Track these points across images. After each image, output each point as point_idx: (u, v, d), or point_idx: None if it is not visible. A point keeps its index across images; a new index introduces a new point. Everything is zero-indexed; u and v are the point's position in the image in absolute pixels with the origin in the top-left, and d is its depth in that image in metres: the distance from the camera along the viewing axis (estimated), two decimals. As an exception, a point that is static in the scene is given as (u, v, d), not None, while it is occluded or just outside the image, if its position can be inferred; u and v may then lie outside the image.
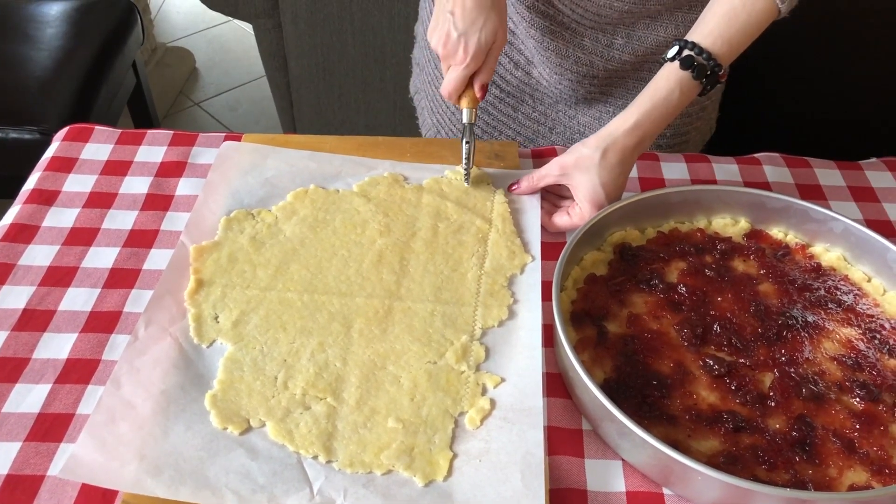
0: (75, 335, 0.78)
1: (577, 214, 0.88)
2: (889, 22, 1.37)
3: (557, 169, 0.89)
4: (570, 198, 0.90)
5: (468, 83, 0.90)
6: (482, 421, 0.70)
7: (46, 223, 0.90)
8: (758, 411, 0.70)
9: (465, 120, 0.91)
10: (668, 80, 0.84)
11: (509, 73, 1.09)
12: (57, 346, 0.77)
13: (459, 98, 0.91)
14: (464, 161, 0.92)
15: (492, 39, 0.87)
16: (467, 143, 0.91)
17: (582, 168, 0.86)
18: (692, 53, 0.83)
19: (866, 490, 0.64)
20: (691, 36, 0.85)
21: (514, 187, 0.93)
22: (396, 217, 0.90)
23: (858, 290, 0.81)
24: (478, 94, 0.91)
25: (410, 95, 1.31)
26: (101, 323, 0.80)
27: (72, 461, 0.64)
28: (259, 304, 0.79)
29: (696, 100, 0.89)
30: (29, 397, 0.73)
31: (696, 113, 1.09)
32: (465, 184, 0.94)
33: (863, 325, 0.77)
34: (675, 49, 0.84)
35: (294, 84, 1.91)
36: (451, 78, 0.89)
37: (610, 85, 1.05)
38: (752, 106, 1.46)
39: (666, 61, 0.85)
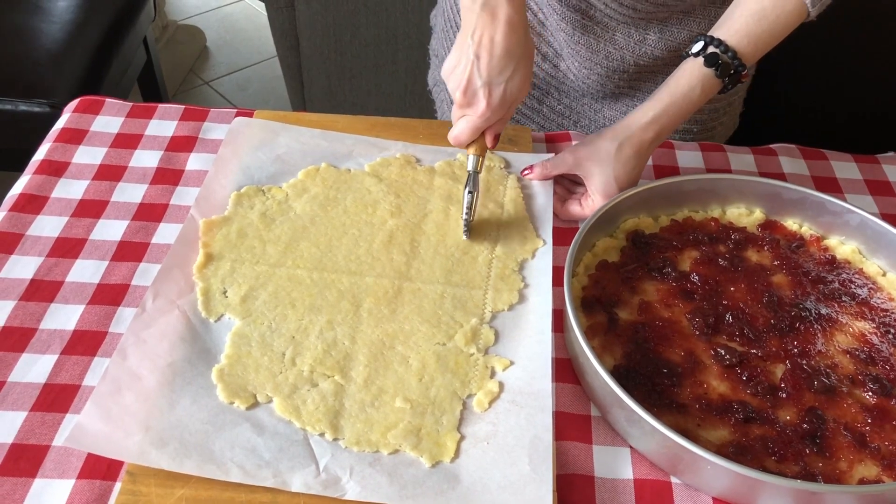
0: (82, 307, 0.78)
1: (588, 206, 0.87)
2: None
3: (572, 159, 0.87)
4: (584, 185, 0.89)
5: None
6: (490, 404, 0.70)
7: (55, 194, 0.89)
8: (768, 402, 0.69)
9: (469, 167, 0.83)
10: (689, 75, 0.82)
11: (536, 66, 1.05)
12: (64, 317, 0.77)
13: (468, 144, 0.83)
14: (464, 212, 0.83)
15: (517, 92, 0.79)
16: (470, 192, 0.82)
17: (597, 160, 0.85)
18: (717, 51, 0.81)
19: (876, 484, 0.64)
20: (717, 32, 0.82)
21: (526, 172, 0.92)
22: (408, 198, 0.89)
23: (873, 283, 0.80)
24: (489, 145, 0.83)
25: (429, 88, 1.27)
26: (109, 295, 0.79)
27: (77, 430, 0.64)
28: (268, 281, 0.79)
29: (723, 95, 0.87)
30: (35, 367, 0.72)
31: (724, 108, 1.07)
32: (465, 237, 0.84)
33: (877, 320, 0.76)
34: (699, 45, 0.82)
35: (305, 65, 1.90)
36: (466, 128, 0.80)
37: (639, 80, 1.03)
38: (769, 101, 1.45)
39: (689, 55, 0.83)
